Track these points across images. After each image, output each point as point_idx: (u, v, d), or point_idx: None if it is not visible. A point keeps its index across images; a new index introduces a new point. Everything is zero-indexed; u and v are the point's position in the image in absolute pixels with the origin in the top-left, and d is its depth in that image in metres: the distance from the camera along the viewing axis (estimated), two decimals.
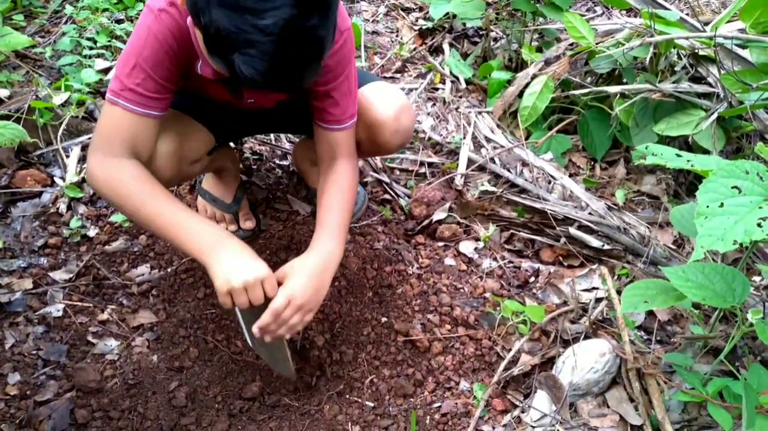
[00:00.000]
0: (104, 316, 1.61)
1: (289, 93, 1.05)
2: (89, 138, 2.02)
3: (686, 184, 2.08)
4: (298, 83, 1.03)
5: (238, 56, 0.95)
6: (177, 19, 1.17)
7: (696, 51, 1.99)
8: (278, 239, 1.77)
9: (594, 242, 1.77)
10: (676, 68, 2.07)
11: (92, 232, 1.78)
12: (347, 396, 1.51)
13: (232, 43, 0.95)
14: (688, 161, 1.34)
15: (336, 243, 1.34)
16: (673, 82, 1.98)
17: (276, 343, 1.30)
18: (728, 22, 2.02)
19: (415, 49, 2.59)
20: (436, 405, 1.47)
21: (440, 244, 1.85)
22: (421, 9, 2.79)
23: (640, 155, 1.39)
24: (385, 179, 2.01)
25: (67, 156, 1.95)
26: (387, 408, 1.47)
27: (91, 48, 2.35)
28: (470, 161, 2.02)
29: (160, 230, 1.22)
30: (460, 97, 2.32)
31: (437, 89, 2.37)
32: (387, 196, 1.97)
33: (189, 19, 1.15)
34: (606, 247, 1.77)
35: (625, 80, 2.09)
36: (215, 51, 0.99)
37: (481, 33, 2.63)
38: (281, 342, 1.32)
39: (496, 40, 2.55)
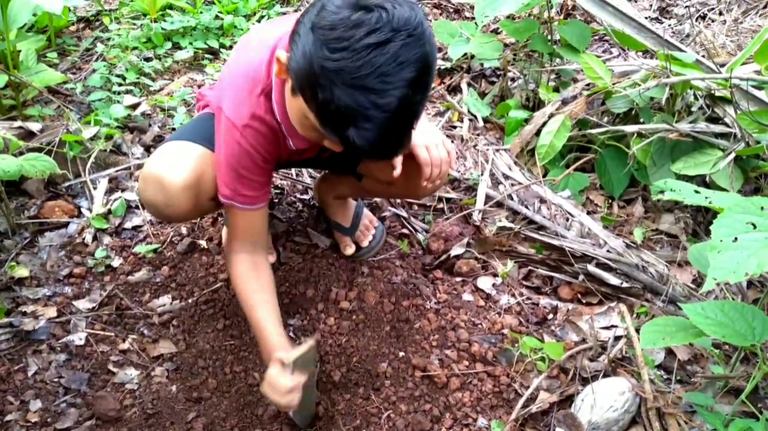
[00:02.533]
0: (125, 345, 1.64)
1: (386, 159, 1.18)
2: (117, 171, 2.08)
3: (705, 223, 2.07)
4: (398, 150, 1.13)
5: (353, 129, 1.03)
6: (260, 131, 1.31)
7: (712, 92, 2.02)
8: (297, 271, 1.79)
9: (612, 279, 1.77)
10: (692, 108, 2.09)
11: (116, 262, 1.81)
12: None
13: (351, 119, 1.03)
14: (706, 197, 1.35)
15: None
16: (690, 122, 2.00)
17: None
18: (743, 63, 2.05)
19: (433, 88, 2.65)
20: None
21: (458, 279, 1.85)
22: (439, 50, 2.85)
23: (659, 191, 1.40)
24: (403, 213, 2.04)
25: (95, 188, 2.00)
26: None
27: (120, 84, 2.43)
28: (488, 197, 2.04)
29: (251, 324, 1.46)
30: (478, 135, 2.36)
31: (455, 127, 2.41)
32: (405, 230, 1.99)
33: (276, 94, 1.26)
34: (624, 285, 1.77)
35: (642, 120, 2.12)
36: (330, 124, 1.07)
37: (498, 73, 2.68)
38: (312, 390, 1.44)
39: (513, 80, 2.60)
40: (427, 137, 1.39)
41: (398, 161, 1.38)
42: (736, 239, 1.12)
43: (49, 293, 1.73)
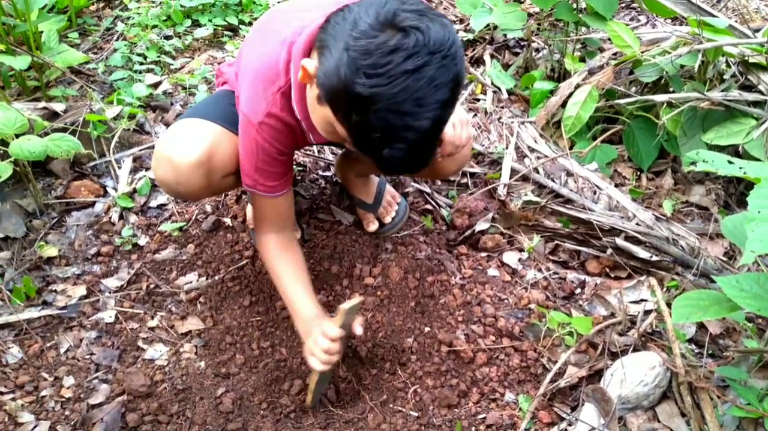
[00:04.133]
0: (154, 323, 1.65)
1: (415, 173, 1.17)
2: (140, 150, 2.09)
3: (737, 194, 2.02)
4: (427, 162, 1.13)
5: (386, 150, 1.04)
6: (276, 127, 1.32)
7: (746, 58, 1.95)
8: (321, 248, 1.79)
9: (642, 253, 1.74)
10: (725, 76, 2.02)
11: (143, 241, 1.83)
12: (391, 406, 1.51)
13: (385, 141, 1.04)
14: (740, 168, 1.31)
15: None
16: (722, 91, 1.94)
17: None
18: None
19: None
20: (480, 416, 1.46)
21: (483, 254, 1.84)
22: (461, 21, 2.79)
23: (691, 162, 1.36)
24: (427, 189, 2.02)
25: (119, 167, 2.01)
26: (431, 418, 1.46)
27: (141, 63, 2.43)
28: (513, 171, 2.01)
29: (285, 301, 1.50)
30: (502, 107, 2.32)
31: (478, 100, 2.37)
32: (428, 206, 1.97)
33: (297, 94, 1.26)
34: (654, 258, 1.73)
35: (671, 89, 2.06)
36: (362, 144, 1.08)
37: (522, 44, 2.63)
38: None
39: (537, 50, 2.54)
40: (456, 114, 1.37)
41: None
42: None
43: (78, 272, 1.75)
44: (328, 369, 1.38)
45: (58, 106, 2.06)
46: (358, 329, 1.39)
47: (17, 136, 1.70)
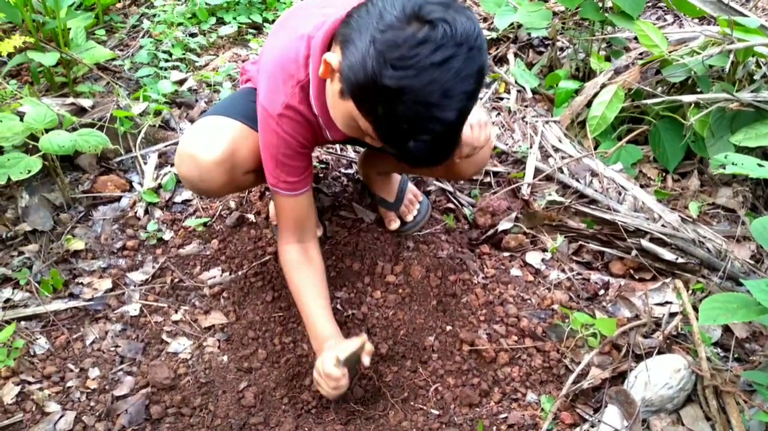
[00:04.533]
0: (177, 316, 1.67)
1: (438, 164, 1.18)
2: (166, 146, 2.11)
3: (764, 197, 1.99)
4: (450, 154, 1.13)
5: (413, 142, 1.04)
6: (296, 119, 1.32)
7: None
8: (344, 245, 1.79)
9: (667, 255, 1.72)
10: (754, 77, 1.99)
11: (167, 235, 1.85)
12: (412, 403, 1.51)
13: (411, 132, 1.04)
14: None
15: None
16: (752, 92, 1.91)
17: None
18: None
19: None
20: (502, 415, 1.45)
21: (506, 254, 1.83)
22: (485, 20, 2.78)
23: (719, 164, 1.35)
24: (449, 188, 2.01)
25: (145, 163, 2.04)
26: (452, 417, 1.46)
27: (166, 60, 2.46)
28: (537, 171, 2.00)
29: (300, 312, 1.49)
30: (526, 106, 2.30)
31: (502, 99, 2.36)
32: (450, 205, 1.97)
33: (315, 89, 1.26)
34: (680, 260, 1.71)
35: (699, 90, 2.03)
36: (388, 136, 1.08)
37: (546, 43, 2.61)
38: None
39: (562, 49, 2.52)
40: (474, 116, 1.36)
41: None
42: None
43: (104, 266, 1.78)
44: (335, 395, 1.37)
45: (86, 103, 2.09)
46: (366, 360, 1.38)
47: (47, 131, 1.73)
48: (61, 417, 1.44)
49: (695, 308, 1.56)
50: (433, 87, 0.99)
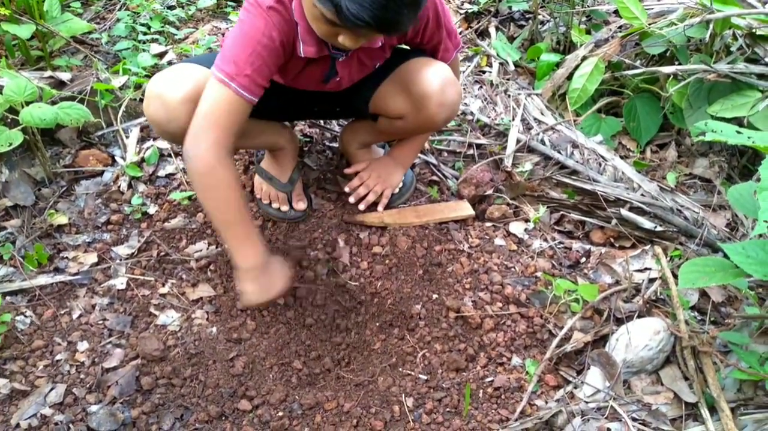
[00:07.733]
0: (165, 289, 1.67)
1: (391, 34, 1.23)
2: (147, 120, 2.08)
3: (739, 167, 2.04)
4: (398, 22, 1.16)
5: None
6: (283, 16, 1.32)
7: (753, 30, 1.95)
8: (329, 218, 1.80)
9: (646, 223, 1.76)
10: (731, 49, 2.03)
11: (152, 209, 1.84)
12: (400, 369, 1.54)
13: None
14: (749, 137, 1.33)
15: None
16: (729, 63, 1.95)
17: None
18: None
19: (461, 32, 2.59)
20: (488, 379, 1.49)
21: (489, 224, 1.86)
22: None
23: (699, 132, 1.38)
24: (433, 160, 2.03)
25: (127, 137, 2.02)
26: (440, 382, 1.50)
27: (145, 33, 2.42)
28: (519, 143, 2.02)
29: (226, 215, 1.37)
30: (508, 79, 2.32)
31: (484, 72, 2.37)
32: (435, 177, 1.99)
33: (296, 6, 1.29)
34: (658, 228, 1.76)
35: (678, 61, 2.06)
36: None
37: (527, 16, 2.62)
38: None
39: (543, 23, 2.53)
40: (436, 67, 1.49)
41: None
42: None
43: (89, 240, 1.77)
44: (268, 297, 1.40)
45: (64, 76, 2.06)
46: None
47: (27, 104, 1.70)
48: (51, 389, 1.44)
49: (674, 274, 1.61)
50: None
